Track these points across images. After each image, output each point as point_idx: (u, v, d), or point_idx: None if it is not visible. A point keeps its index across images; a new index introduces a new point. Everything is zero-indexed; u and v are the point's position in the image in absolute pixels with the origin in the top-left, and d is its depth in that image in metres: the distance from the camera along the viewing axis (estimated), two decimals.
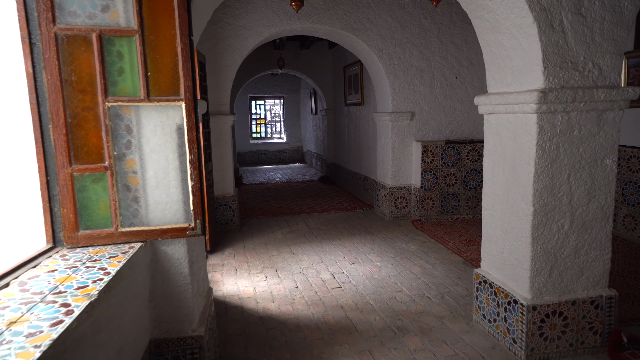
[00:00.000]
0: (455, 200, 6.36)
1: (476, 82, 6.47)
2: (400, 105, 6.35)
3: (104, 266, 1.78)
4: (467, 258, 4.70)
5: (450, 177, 6.30)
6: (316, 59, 10.15)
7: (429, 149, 6.22)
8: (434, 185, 6.28)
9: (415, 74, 6.33)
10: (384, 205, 6.60)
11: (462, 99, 6.48)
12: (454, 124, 6.52)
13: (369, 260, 4.78)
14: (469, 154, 6.29)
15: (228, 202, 6.05)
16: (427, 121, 6.45)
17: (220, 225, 6.07)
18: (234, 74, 5.93)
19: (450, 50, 6.34)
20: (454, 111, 6.49)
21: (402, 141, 6.42)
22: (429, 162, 6.24)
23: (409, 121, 6.39)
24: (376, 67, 6.41)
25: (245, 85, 14.16)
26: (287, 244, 5.48)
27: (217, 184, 6.00)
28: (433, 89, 6.40)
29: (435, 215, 6.35)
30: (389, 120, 6.33)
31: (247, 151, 14.80)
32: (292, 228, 6.24)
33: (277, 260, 4.87)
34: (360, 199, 8.12)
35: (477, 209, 6.41)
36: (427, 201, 6.30)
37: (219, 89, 5.88)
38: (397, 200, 6.47)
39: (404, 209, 6.51)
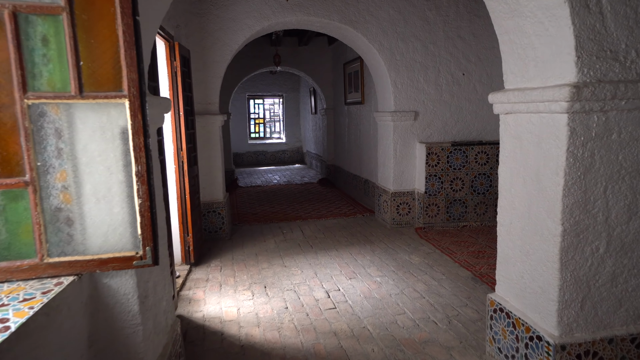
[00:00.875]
0: (462, 206, 5.90)
1: (485, 79, 6.01)
2: (403, 104, 5.90)
3: (6, 316, 1.35)
4: (477, 273, 4.25)
5: (456, 181, 5.85)
6: (315, 55, 9.71)
7: (433, 151, 5.77)
8: (439, 190, 5.83)
9: (419, 71, 5.88)
10: (386, 212, 6.15)
11: (470, 98, 6.02)
12: (460, 125, 6.06)
13: (367, 274, 4.34)
14: (477, 157, 5.84)
15: (217, 209, 5.62)
16: (432, 121, 6.00)
17: (208, 234, 5.64)
18: (223, 71, 5.49)
19: (457, 45, 5.89)
20: (460, 110, 6.03)
21: (404, 143, 5.97)
22: (434, 166, 5.79)
23: (412, 121, 5.94)
24: (377, 63, 5.96)
25: (242, 84, 13.76)
26: (280, 255, 5.04)
27: (205, 189, 5.57)
28: (438, 86, 5.94)
29: (441, 223, 5.90)
30: (391, 120, 5.89)
31: (245, 152, 14.37)
32: (287, 236, 5.81)
33: (267, 274, 4.43)
34: (361, 204, 7.67)
35: (485, 215, 5.95)
36: (431, 207, 5.85)
37: (207, 87, 5.45)
38: (400, 206, 6.02)
39: (407, 215, 6.06)
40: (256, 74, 13.72)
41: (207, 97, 5.47)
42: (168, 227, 3.33)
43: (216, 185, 5.62)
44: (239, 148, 14.24)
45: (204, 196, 5.58)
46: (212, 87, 5.48)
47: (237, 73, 9.49)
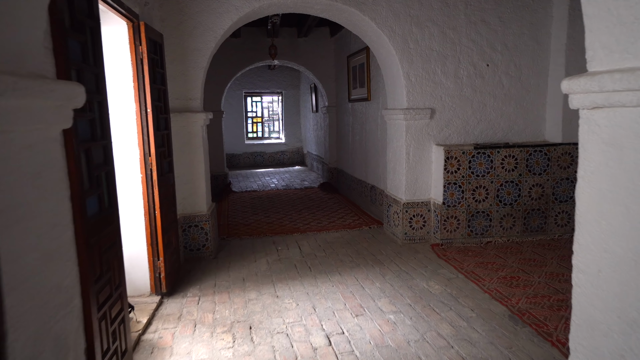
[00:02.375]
0: (486, 219, 5.06)
1: (513, 70, 5.16)
2: (417, 100, 5.06)
3: None
4: (514, 308, 3.41)
5: (479, 190, 5.01)
6: (316, 48, 8.87)
7: (453, 155, 4.93)
8: (459, 200, 4.99)
9: (437, 61, 5.04)
10: (396, 225, 5.32)
11: (495, 92, 5.18)
12: (484, 124, 5.22)
13: (378, 309, 3.51)
14: (503, 162, 4.99)
15: (199, 223, 4.80)
16: (451, 120, 5.16)
17: (189, 252, 4.82)
18: (207, 61, 4.66)
19: (480, 31, 5.04)
20: (484, 107, 5.19)
21: (419, 145, 5.13)
22: (454, 172, 4.95)
23: (427, 120, 5.10)
24: (387, 52, 5.12)
25: (238, 81, 12.95)
26: (272, 280, 4.21)
27: (185, 200, 4.74)
28: (458, 79, 5.10)
29: (461, 238, 5.06)
30: (403, 119, 5.05)
31: (242, 153, 13.55)
32: (282, 254, 4.98)
33: (255, 308, 3.60)
34: (367, 213, 6.84)
35: (512, 230, 5.11)
36: (450, 220, 5.01)
37: (187, 80, 4.62)
38: (413, 218, 5.18)
39: (421, 229, 5.22)
40: (253, 70, 12.93)
41: (187, 92, 4.65)
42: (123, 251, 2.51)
43: (198, 195, 4.80)
44: (235, 149, 13.41)
45: (184, 208, 4.76)
46: (193, 79, 4.65)
47: (231, 67, 8.66)
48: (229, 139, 13.12)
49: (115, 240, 2.55)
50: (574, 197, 5.16)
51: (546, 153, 5.03)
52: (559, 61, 5.04)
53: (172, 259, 4.03)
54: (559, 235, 5.17)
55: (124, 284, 2.66)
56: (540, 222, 5.15)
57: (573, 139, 5.09)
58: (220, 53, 8.38)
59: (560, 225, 5.17)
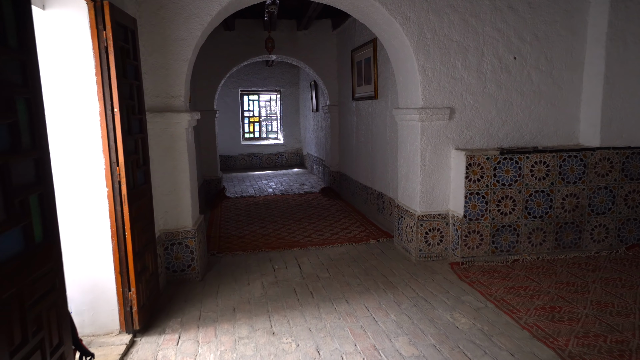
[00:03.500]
0: (513, 234, 4.43)
1: (543, 64, 4.52)
2: (434, 98, 4.42)
3: None
4: (564, 354, 2.77)
5: (506, 201, 4.37)
6: (317, 42, 8.21)
7: (476, 162, 4.29)
8: (482, 212, 4.35)
9: (457, 53, 4.40)
10: (410, 240, 4.68)
11: (523, 89, 4.54)
12: (509, 125, 4.58)
13: (396, 353, 2.87)
14: (533, 169, 4.36)
15: (184, 240, 4.15)
16: (472, 121, 4.52)
17: (172, 274, 4.17)
18: (191, 52, 4.01)
19: (507, 18, 4.40)
20: (510, 107, 4.55)
21: (436, 149, 4.49)
22: (476, 181, 4.31)
23: (446, 121, 4.46)
24: (400, 43, 4.48)
25: (234, 78, 12.30)
26: (267, 309, 3.57)
27: (167, 213, 4.10)
28: (481, 74, 4.46)
29: (484, 256, 4.42)
30: (418, 119, 4.40)
31: (238, 154, 12.87)
32: (279, 275, 4.34)
33: (247, 351, 2.96)
34: (373, 223, 6.19)
35: (543, 246, 4.48)
36: (472, 236, 4.37)
37: (168, 74, 3.97)
38: (429, 233, 4.54)
39: (439, 245, 4.58)
40: (249, 66, 12.29)
41: (168, 88, 4.00)
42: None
43: (183, 207, 4.15)
44: (231, 150, 12.74)
45: (166, 223, 4.12)
46: (175, 74, 4.00)
47: (224, 63, 8.00)
48: (224, 140, 12.46)
49: (54, 285, 1.90)
50: (612, 209, 4.55)
51: (582, 159, 4.39)
52: (598, 53, 4.40)
53: (149, 286, 3.38)
54: (595, 252, 4.53)
55: (69, 340, 2.01)
56: (574, 237, 4.51)
57: (612, 143, 4.46)
58: (212, 47, 7.74)
59: (597, 240, 4.54)
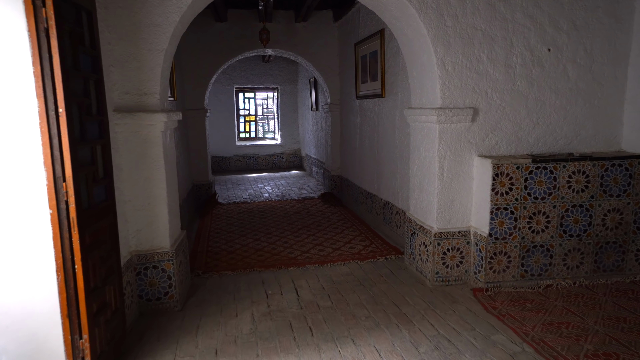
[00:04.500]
0: (546, 255, 3.80)
1: (582, 57, 3.89)
2: (454, 96, 3.78)
3: None
4: None
5: (538, 217, 3.74)
6: (316, 34, 7.55)
7: (504, 171, 3.65)
8: (510, 230, 3.72)
9: (482, 44, 3.76)
10: (424, 260, 4.04)
11: (557, 87, 3.90)
12: (541, 128, 3.94)
13: None
14: (570, 180, 3.72)
15: (160, 263, 3.51)
16: (499, 123, 3.88)
17: (145, 303, 3.53)
18: (168, 40, 3.36)
19: (540, 4, 3.76)
20: (542, 106, 3.92)
21: (456, 156, 3.85)
22: (504, 194, 3.68)
23: (468, 123, 3.83)
24: (414, 32, 3.84)
25: (228, 74, 11.64)
26: (257, 353, 2.93)
27: (140, 232, 3.46)
28: (510, 69, 3.82)
29: (512, 281, 3.79)
30: (436, 121, 3.77)
31: (232, 155, 12.20)
32: (273, 303, 3.70)
33: None
34: (379, 235, 5.55)
35: (580, 269, 3.85)
36: (499, 257, 3.74)
37: (140, 66, 3.33)
38: (447, 253, 3.91)
39: (458, 268, 3.95)
40: (245, 62, 11.63)
41: (140, 84, 3.35)
42: None
43: (158, 224, 3.51)
44: (225, 151, 12.07)
45: (139, 244, 3.48)
46: (149, 66, 3.35)
47: (215, 57, 7.34)
48: (218, 140, 11.81)
49: None
50: None
51: (627, 168, 3.76)
52: None
53: (110, 327, 2.74)
54: None
55: None
56: (616, 258, 3.88)
57: None
58: (202, 40, 7.10)
59: None
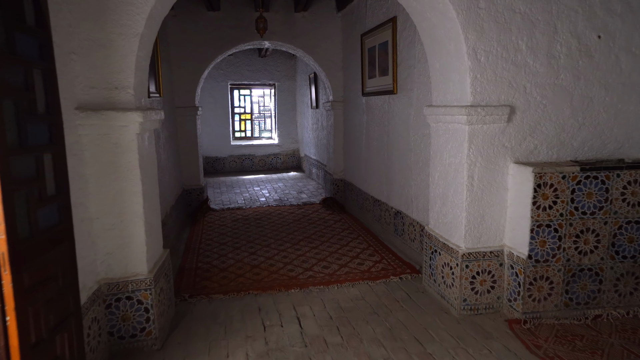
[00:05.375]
0: (594, 280, 3.21)
1: (638, 45, 3.29)
2: (488, 92, 3.18)
3: None
4: None
5: (586, 235, 3.15)
6: (318, 25, 6.93)
7: (547, 181, 3.06)
8: (554, 251, 3.13)
9: (520, 30, 3.16)
10: (449, 284, 3.45)
11: (608, 80, 3.31)
12: (587, 130, 3.35)
13: None
14: (625, 191, 3.14)
15: (135, 293, 2.90)
16: (539, 124, 3.29)
17: (117, 341, 2.91)
18: (144, 23, 2.75)
19: None
20: (590, 104, 3.32)
21: (489, 163, 3.26)
22: (547, 208, 3.09)
23: (503, 124, 3.23)
24: (440, 16, 3.23)
25: (223, 70, 11.01)
26: None
27: (110, 256, 2.85)
28: (553, 59, 3.23)
29: (554, 311, 3.20)
30: (465, 121, 3.17)
31: (227, 156, 11.56)
32: (271, 339, 3.09)
33: None
34: (390, 249, 4.95)
35: (634, 297, 3.27)
36: (539, 283, 3.16)
37: (109, 54, 2.71)
38: (477, 277, 3.32)
39: (489, 294, 3.36)
40: (240, 57, 11.02)
41: (109, 76, 2.73)
42: None
43: (134, 246, 2.90)
44: (219, 151, 11.43)
45: (109, 270, 2.87)
46: (120, 55, 2.73)
47: (207, 50, 6.70)
48: (211, 140, 11.17)
49: None
50: None
51: None
52: None
53: None
54: None
55: None
56: None
57: None
58: (192, 31, 6.48)
59: None
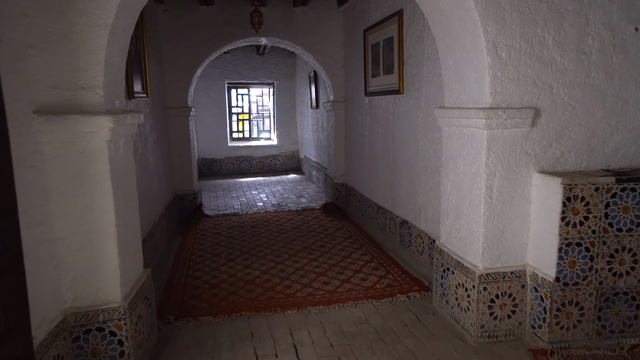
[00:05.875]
0: (630, 305, 2.84)
1: None
2: (509, 92, 2.81)
3: None
4: None
5: (621, 255, 2.77)
6: (318, 21, 6.55)
7: (578, 194, 2.68)
8: (585, 273, 2.76)
9: (547, 21, 2.78)
10: (464, 308, 3.08)
11: None
12: (621, 135, 2.97)
13: None
14: None
15: (108, 324, 2.53)
16: (566, 127, 2.91)
17: None
18: (114, 13, 2.37)
19: None
20: (624, 106, 2.94)
21: (510, 172, 2.88)
22: (578, 224, 2.71)
23: (527, 128, 2.85)
24: (454, 5, 2.85)
25: (219, 68, 10.65)
26: None
27: (78, 281, 2.48)
28: (583, 55, 2.85)
29: (584, 339, 2.83)
30: (484, 126, 2.79)
31: (224, 158, 11.18)
32: None
33: None
34: (395, 260, 4.57)
35: None
36: (568, 309, 2.78)
37: (74, 48, 2.34)
38: (497, 300, 2.94)
39: (510, 319, 2.98)
40: (237, 55, 10.66)
41: (74, 74, 2.36)
42: None
43: (105, 270, 2.53)
44: (216, 152, 11.05)
45: (76, 297, 2.50)
46: (87, 49, 2.36)
47: (201, 47, 6.32)
48: (208, 141, 10.81)
49: None
50: None
51: None
52: None
53: None
54: None
55: None
56: None
57: None
58: (184, 27, 6.11)
59: None
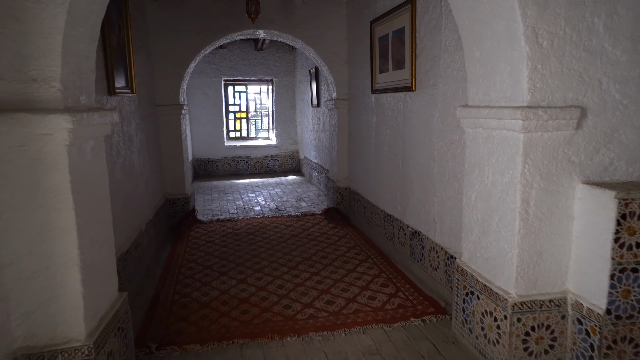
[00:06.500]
0: None
1: None
2: (551, 88, 2.36)
3: None
4: None
5: None
6: (320, 13, 6.10)
7: (635, 210, 2.24)
8: (638, 304, 2.32)
9: (597, 3, 2.34)
10: (492, 340, 2.64)
11: None
12: None
13: None
14: None
15: None
16: (617, 130, 2.47)
17: None
18: None
19: None
20: None
21: (549, 183, 2.44)
22: (635, 246, 2.27)
23: (571, 131, 2.41)
24: None
25: (215, 64, 10.18)
26: None
27: (32, 315, 2.04)
28: (639, 44, 2.40)
29: None
30: (520, 128, 2.35)
31: (220, 158, 10.71)
32: None
33: None
34: (407, 276, 4.13)
35: None
36: (621, 346, 2.35)
37: (23, 29, 1.89)
38: (532, 333, 2.51)
39: (547, 355, 2.54)
40: (235, 51, 10.22)
41: (25, 63, 1.92)
42: None
43: (64, 301, 2.09)
44: (212, 152, 10.59)
45: (29, 335, 2.06)
46: (39, 31, 1.91)
47: (193, 40, 5.87)
48: (203, 141, 10.36)
49: None
50: None
51: None
52: None
53: None
54: None
55: None
56: None
57: None
58: (176, 20, 5.65)
59: None
